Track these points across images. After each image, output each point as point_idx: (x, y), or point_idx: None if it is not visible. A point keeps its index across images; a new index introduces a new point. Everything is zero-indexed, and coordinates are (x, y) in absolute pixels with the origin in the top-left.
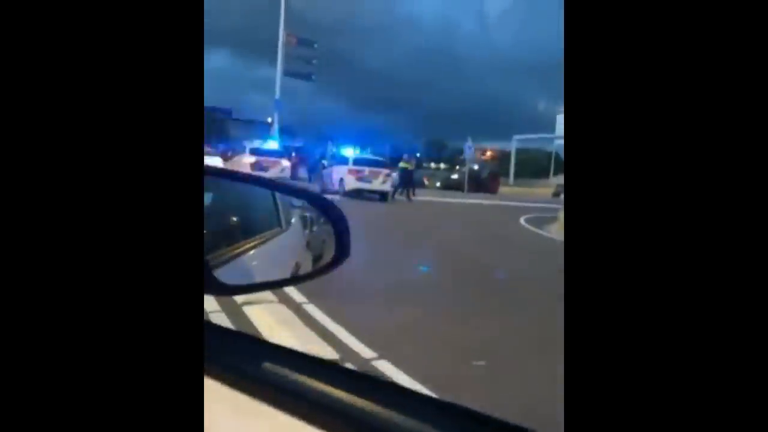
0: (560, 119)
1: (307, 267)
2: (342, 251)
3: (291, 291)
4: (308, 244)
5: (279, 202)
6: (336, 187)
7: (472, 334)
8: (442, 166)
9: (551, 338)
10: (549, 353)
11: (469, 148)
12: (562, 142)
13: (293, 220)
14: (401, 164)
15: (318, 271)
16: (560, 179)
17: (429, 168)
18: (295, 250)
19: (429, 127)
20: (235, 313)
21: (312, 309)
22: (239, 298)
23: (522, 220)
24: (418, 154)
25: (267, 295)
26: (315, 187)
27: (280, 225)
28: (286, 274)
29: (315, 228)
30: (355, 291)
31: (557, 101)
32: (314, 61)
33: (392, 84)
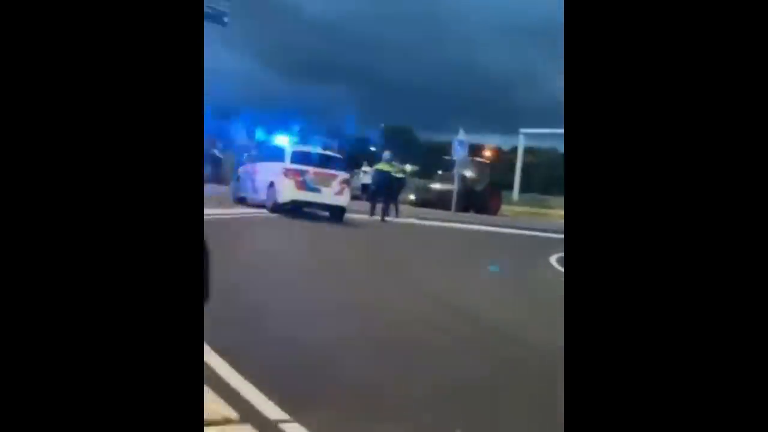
0: None
1: None
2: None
3: None
4: None
5: None
6: (262, 196)
7: None
8: (409, 168)
9: None
10: None
11: (461, 145)
12: None
13: None
14: (380, 166)
15: None
16: None
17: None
18: None
19: (391, 109)
20: None
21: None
22: None
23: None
24: (373, 148)
25: None
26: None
27: None
28: None
29: None
30: None
31: None
32: None
33: (338, 42)
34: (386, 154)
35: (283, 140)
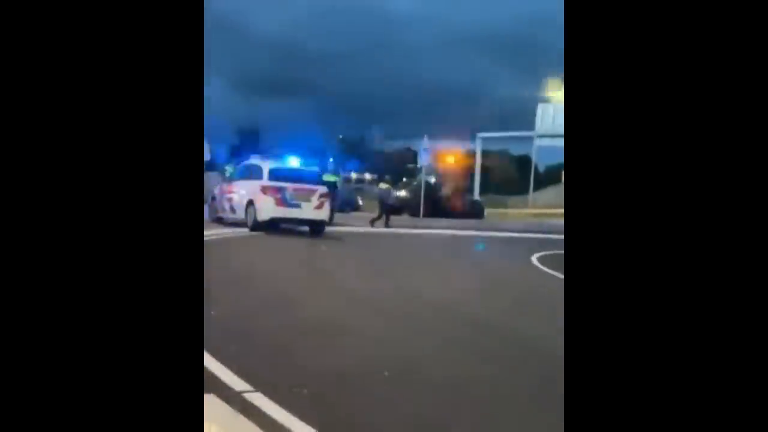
0: (544, 111)
1: None
2: None
3: None
4: None
5: None
6: (241, 214)
7: None
8: (369, 176)
9: None
10: None
11: (426, 152)
12: (545, 142)
13: None
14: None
15: None
16: (548, 195)
17: (359, 181)
18: None
19: (348, 120)
20: None
21: None
22: None
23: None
24: (331, 159)
25: None
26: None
27: None
28: None
29: None
30: None
31: (536, 84)
32: None
33: (295, 57)
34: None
35: (258, 158)
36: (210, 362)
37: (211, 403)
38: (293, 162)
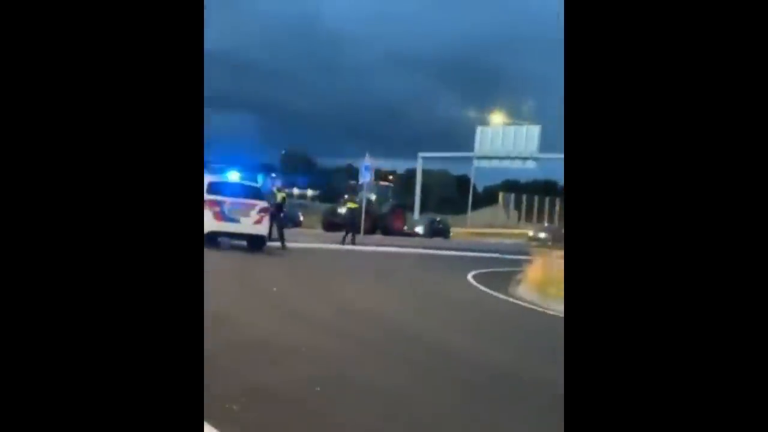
0: (483, 133)
1: None
2: None
3: None
4: None
5: None
6: None
7: None
8: (310, 192)
9: None
10: None
11: (367, 169)
12: (483, 163)
13: None
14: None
15: None
16: (484, 215)
17: (301, 197)
18: None
19: (288, 136)
20: None
21: None
22: None
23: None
24: (273, 174)
25: None
26: None
27: None
28: None
29: None
30: None
31: (476, 107)
32: None
33: (244, 74)
34: (275, 181)
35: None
36: None
37: None
38: (233, 176)
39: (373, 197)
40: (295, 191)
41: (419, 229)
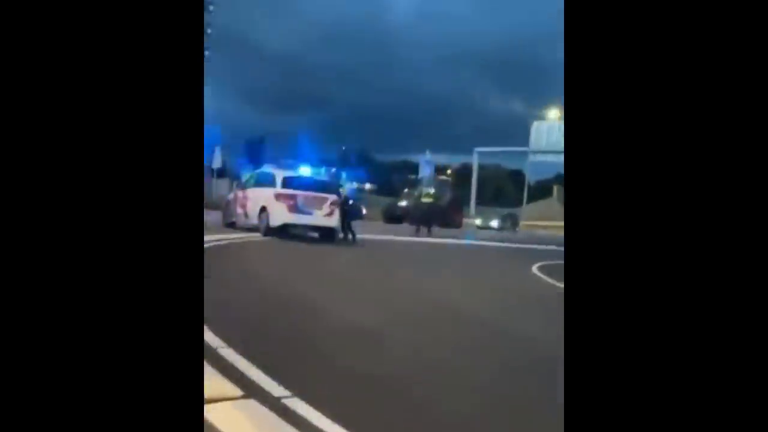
0: (538, 128)
1: None
2: None
3: None
4: None
5: None
6: (254, 220)
7: None
8: (368, 186)
9: None
10: None
11: (428, 164)
12: (538, 158)
13: None
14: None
15: None
16: (539, 208)
17: (359, 191)
18: None
19: (347, 133)
20: None
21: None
22: None
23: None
24: (333, 169)
25: None
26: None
27: None
28: None
29: None
30: None
31: (528, 103)
32: (209, 31)
33: (299, 74)
34: (345, 176)
35: (272, 167)
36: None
37: (252, 407)
38: (305, 171)
39: (432, 191)
40: (354, 185)
41: (494, 223)
